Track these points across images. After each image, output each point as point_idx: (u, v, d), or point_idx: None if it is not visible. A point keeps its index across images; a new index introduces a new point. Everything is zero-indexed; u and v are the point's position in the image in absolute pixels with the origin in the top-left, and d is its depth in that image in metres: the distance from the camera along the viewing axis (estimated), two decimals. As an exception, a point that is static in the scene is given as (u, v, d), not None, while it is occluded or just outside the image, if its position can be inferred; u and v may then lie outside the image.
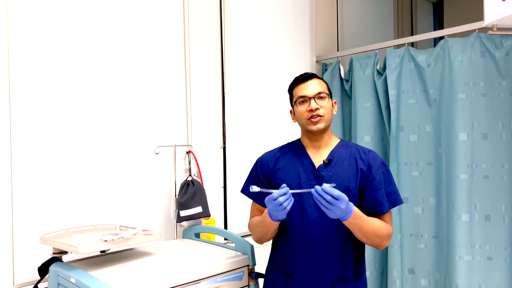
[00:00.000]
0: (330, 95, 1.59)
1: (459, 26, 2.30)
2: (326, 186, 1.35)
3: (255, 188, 1.40)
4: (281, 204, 1.37)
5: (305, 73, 1.61)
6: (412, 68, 2.50)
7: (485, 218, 2.25)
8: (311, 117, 1.53)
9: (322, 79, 1.62)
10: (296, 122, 1.63)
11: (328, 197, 1.33)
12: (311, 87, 1.55)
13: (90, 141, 1.91)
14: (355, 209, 1.41)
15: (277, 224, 1.52)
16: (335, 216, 1.37)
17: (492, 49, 2.23)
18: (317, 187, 1.35)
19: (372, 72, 2.65)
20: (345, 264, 1.53)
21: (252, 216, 1.68)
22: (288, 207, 1.39)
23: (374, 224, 1.47)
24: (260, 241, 1.64)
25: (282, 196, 1.37)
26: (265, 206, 1.52)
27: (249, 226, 1.67)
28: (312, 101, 1.53)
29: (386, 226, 1.52)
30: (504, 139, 2.22)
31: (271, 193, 1.39)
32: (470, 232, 2.26)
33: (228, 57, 2.46)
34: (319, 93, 1.55)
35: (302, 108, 1.56)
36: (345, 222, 1.42)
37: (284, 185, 1.40)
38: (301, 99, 1.56)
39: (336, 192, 1.34)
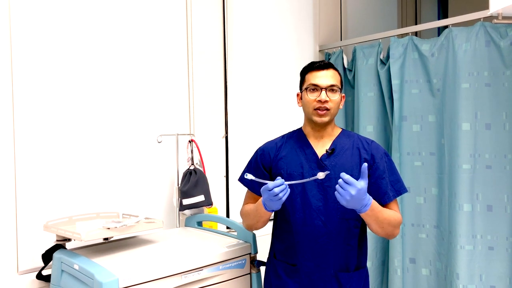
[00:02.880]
0: (341, 89, 1.58)
1: (464, 15, 2.28)
2: (320, 174, 1.38)
3: (249, 176, 1.41)
4: (276, 194, 1.37)
5: (322, 61, 1.58)
6: (415, 58, 2.48)
7: (487, 208, 2.25)
8: (318, 108, 1.52)
9: (337, 70, 1.59)
10: (301, 107, 1.61)
11: (340, 180, 1.34)
12: (325, 77, 1.53)
13: (94, 130, 1.91)
14: (373, 202, 1.41)
15: (270, 214, 1.53)
16: (345, 201, 1.35)
17: (497, 39, 2.21)
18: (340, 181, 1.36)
19: (375, 61, 2.63)
20: (349, 253, 1.54)
21: (245, 203, 1.69)
22: (284, 198, 1.39)
23: (389, 214, 1.48)
24: (250, 228, 1.64)
25: (277, 187, 1.37)
26: (260, 195, 1.52)
27: (241, 213, 1.67)
28: (323, 92, 1.51)
29: (397, 214, 1.52)
30: (508, 129, 2.21)
31: (265, 183, 1.40)
32: (472, 222, 2.26)
33: (231, 46, 2.45)
34: (332, 85, 1.53)
35: (311, 97, 1.54)
36: (362, 214, 1.42)
37: (278, 177, 1.40)
38: (312, 87, 1.54)
39: (346, 176, 1.34)
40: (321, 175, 1.41)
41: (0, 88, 1.66)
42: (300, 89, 1.62)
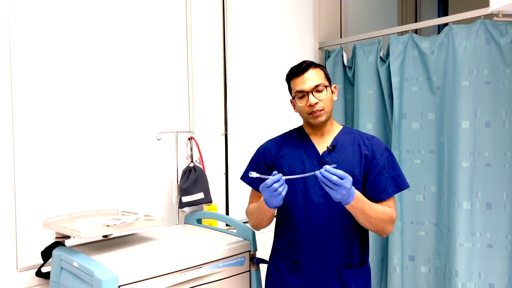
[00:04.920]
0: (329, 82, 1.57)
1: (464, 12, 2.28)
2: (328, 167, 1.34)
3: (254, 174, 1.41)
4: (275, 190, 1.37)
5: (301, 64, 1.57)
6: (415, 55, 2.48)
7: (486, 206, 2.25)
8: (312, 112, 1.53)
9: (319, 66, 1.58)
10: (297, 112, 1.62)
11: (334, 178, 1.32)
12: (308, 80, 1.53)
13: (93, 127, 1.91)
14: (357, 193, 1.41)
15: (273, 211, 1.53)
16: (340, 196, 1.35)
17: (497, 36, 2.21)
18: (322, 170, 1.33)
19: (375, 59, 2.63)
20: (351, 250, 1.54)
21: (250, 202, 1.69)
22: (283, 193, 1.39)
23: (376, 208, 1.47)
24: (257, 227, 1.64)
25: (276, 183, 1.37)
26: None
27: (247, 213, 1.68)
28: (311, 96, 1.52)
29: (389, 210, 1.51)
30: (507, 127, 2.21)
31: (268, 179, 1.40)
32: (471, 220, 2.26)
33: (230, 43, 2.44)
34: (317, 86, 1.52)
35: (301, 103, 1.55)
36: (347, 207, 1.41)
37: (275, 172, 1.39)
38: (300, 94, 1.55)
39: (340, 172, 1.33)
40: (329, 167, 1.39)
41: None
42: (291, 95, 1.62)
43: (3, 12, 1.66)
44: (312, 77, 1.54)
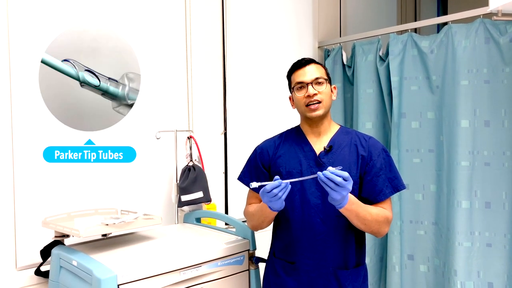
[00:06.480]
0: (329, 80, 1.58)
1: (463, 11, 2.28)
2: (333, 169, 1.32)
3: (254, 184, 1.38)
4: (275, 195, 1.36)
5: (303, 59, 1.59)
6: (415, 54, 2.48)
7: (485, 205, 2.25)
8: (310, 103, 1.52)
9: (320, 64, 1.60)
10: (295, 109, 1.62)
11: (338, 179, 1.31)
12: (309, 73, 1.54)
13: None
14: (351, 196, 1.41)
15: (275, 213, 1.52)
16: (340, 197, 1.34)
17: (496, 35, 2.21)
18: (326, 172, 1.32)
19: (374, 58, 2.63)
20: (347, 250, 1.54)
21: (249, 203, 1.68)
22: (284, 197, 1.38)
23: (371, 210, 1.47)
24: (256, 228, 1.64)
25: (276, 188, 1.36)
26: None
27: (245, 213, 1.67)
28: (310, 86, 1.52)
29: (384, 212, 1.51)
30: (506, 126, 2.21)
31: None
32: (470, 219, 2.26)
33: (229, 42, 2.44)
34: (317, 78, 1.53)
35: (299, 94, 1.55)
36: (342, 210, 1.41)
37: (277, 177, 1.38)
38: (299, 85, 1.55)
39: (346, 174, 1.32)
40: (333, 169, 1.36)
41: (-2, 84, 1.66)
42: (290, 91, 1.63)
43: (3, 13, 1.66)
44: (313, 71, 1.55)
